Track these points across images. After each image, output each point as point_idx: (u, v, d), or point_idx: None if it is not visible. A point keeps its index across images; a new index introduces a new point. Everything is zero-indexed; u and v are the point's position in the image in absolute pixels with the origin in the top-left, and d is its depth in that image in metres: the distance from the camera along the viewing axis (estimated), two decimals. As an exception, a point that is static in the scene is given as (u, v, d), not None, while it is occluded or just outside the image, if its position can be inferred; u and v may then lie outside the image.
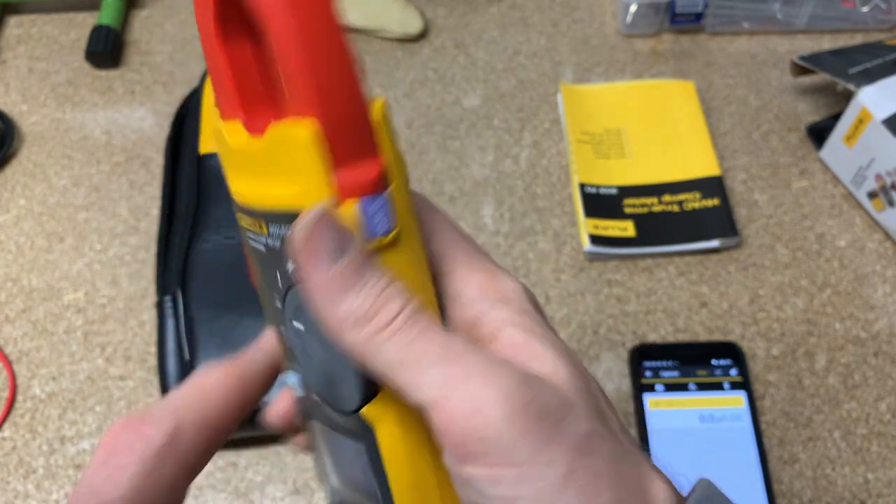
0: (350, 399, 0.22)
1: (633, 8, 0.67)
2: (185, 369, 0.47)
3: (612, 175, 0.60)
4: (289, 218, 0.20)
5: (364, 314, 0.20)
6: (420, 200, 0.24)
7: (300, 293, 0.21)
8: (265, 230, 0.22)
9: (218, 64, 0.22)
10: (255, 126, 0.22)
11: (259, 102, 0.22)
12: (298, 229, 0.20)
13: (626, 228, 0.57)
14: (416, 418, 0.22)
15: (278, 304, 0.23)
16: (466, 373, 0.19)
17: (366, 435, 0.23)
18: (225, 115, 0.23)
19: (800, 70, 0.64)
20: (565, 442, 0.19)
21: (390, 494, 0.24)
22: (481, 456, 0.19)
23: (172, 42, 0.69)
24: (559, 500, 0.19)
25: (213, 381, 0.25)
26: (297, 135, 0.19)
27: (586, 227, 0.57)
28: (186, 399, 0.24)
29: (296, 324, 0.22)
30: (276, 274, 0.22)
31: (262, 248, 0.23)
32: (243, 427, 0.47)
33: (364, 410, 0.23)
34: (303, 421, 0.27)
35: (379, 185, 0.20)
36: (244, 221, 0.23)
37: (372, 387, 0.22)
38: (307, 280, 0.20)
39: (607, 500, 0.19)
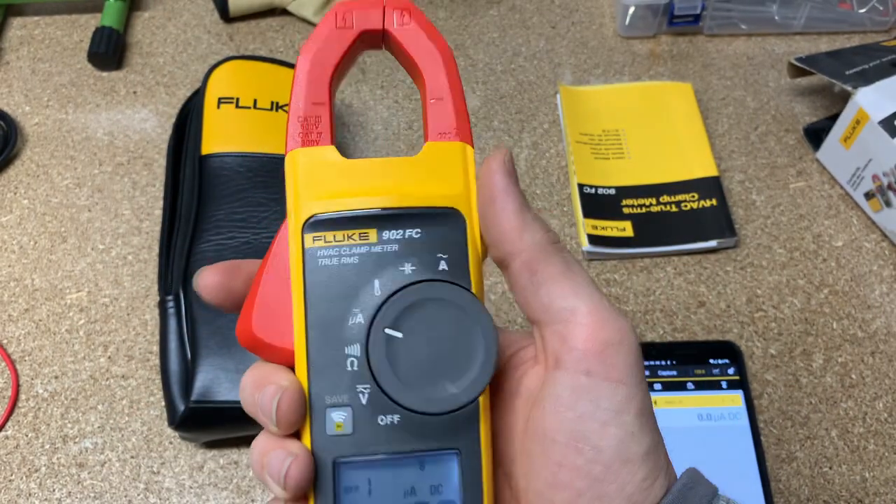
0: (471, 385, 0.24)
1: (631, 10, 0.68)
2: (187, 368, 0.47)
3: (611, 176, 0.61)
4: (419, 218, 0.25)
5: (542, 225, 0.25)
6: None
7: (404, 299, 0.24)
8: (373, 238, 0.25)
9: (323, 100, 0.26)
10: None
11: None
12: (504, 153, 0.26)
13: (625, 229, 0.58)
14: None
15: (360, 319, 0.24)
16: (608, 301, 0.25)
17: (467, 435, 0.25)
18: (307, 143, 0.26)
19: (797, 71, 0.64)
20: (646, 383, 0.25)
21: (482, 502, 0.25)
22: (611, 367, 0.24)
23: (174, 43, 0.69)
24: (651, 425, 0.24)
25: None
26: (461, 150, 0.26)
27: (585, 227, 0.57)
28: None
29: (390, 332, 0.24)
30: (374, 283, 0.24)
31: (353, 259, 0.25)
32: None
33: (482, 397, 0.25)
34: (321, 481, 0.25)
35: None
36: (323, 238, 0.25)
37: (495, 365, 0.24)
38: (505, 186, 0.25)
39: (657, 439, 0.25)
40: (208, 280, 0.26)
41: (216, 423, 0.47)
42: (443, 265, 0.25)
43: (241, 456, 0.49)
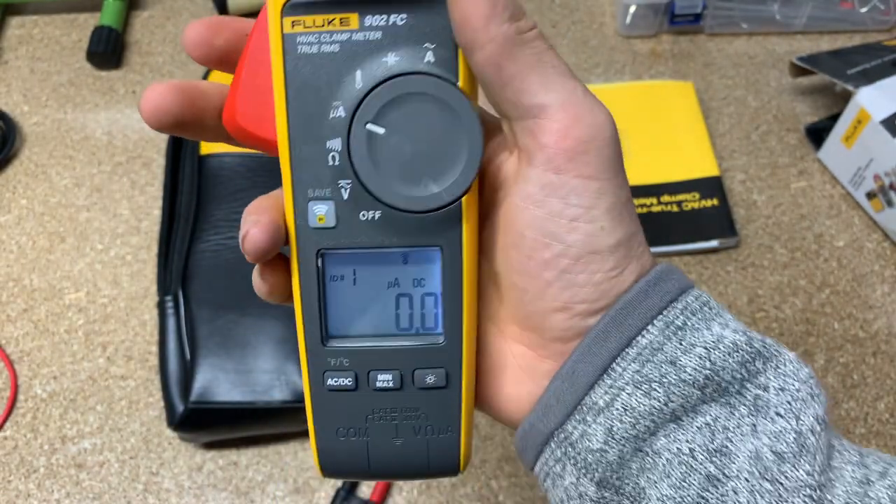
0: (454, 185, 0.23)
1: (632, 9, 0.68)
2: (186, 369, 0.47)
3: (612, 175, 0.60)
4: (404, 2, 0.22)
5: (513, 13, 0.23)
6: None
7: (386, 93, 0.23)
8: (354, 24, 0.23)
9: None
10: None
11: None
12: None
13: (626, 228, 0.58)
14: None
15: (341, 113, 0.23)
16: (584, 92, 0.23)
17: (449, 234, 0.24)
18: None
19: (798, 71, 0.64)
20: (623, 175, 0.24)
21: (461, 303, 0.25)
22: (582, 164, 0.23)
23: (173, 43, 0.69)
24: (624, 218, 0.24)
25: None
26: None
27: (586, 227, 0.57)
28: None
29: (372, 127, 0.23)
30: (355, 75, 0.23)
31: (334, 47, 0.23)
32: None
33: (467, 196, 0.24)
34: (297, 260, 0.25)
35: None
36: (303, 23, 0.23)
37: (479, 161, 0.23)
38: None
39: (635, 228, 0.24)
40: (192, 35, 0.25)
41: (215, 424, 0.47)
42: (429, 56, 0.23)
43: (240, 457, 0.49)
